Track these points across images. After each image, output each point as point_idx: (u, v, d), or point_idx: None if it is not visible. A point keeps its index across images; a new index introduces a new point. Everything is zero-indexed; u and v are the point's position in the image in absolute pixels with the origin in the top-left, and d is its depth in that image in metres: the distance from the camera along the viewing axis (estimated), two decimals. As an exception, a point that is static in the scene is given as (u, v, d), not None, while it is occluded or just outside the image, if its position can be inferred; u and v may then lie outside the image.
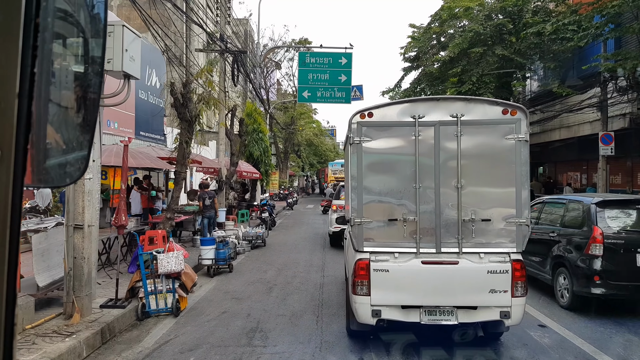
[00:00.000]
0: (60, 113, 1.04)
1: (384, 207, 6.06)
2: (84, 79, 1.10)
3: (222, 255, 11.27)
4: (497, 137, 5.94)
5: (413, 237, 5.96)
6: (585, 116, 21.52)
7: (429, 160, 5.98)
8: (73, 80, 1.09)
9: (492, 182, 6.04)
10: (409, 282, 5.89)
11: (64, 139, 1.04)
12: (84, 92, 1.09)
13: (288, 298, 9.31)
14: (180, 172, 11.32)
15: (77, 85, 1.08)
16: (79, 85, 1.09)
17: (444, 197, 5.95)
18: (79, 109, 1.06)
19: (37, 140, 0.93)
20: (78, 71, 1.10)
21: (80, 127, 1.06)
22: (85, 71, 1.10)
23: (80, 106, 1.07)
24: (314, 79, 24.83)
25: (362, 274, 5.92)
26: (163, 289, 8.18)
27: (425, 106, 6.11)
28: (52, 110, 0.99)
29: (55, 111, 1.02)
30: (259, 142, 23.16)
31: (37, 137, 0.92)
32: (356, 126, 6.06)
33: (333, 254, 14.72)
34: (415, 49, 26.25)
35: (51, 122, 0.99)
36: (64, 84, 1.06)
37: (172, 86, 10.73)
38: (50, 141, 0.99)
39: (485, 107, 6.07)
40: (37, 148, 0.94)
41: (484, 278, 5.82)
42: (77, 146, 1.06)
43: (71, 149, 1.05)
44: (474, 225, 5.92)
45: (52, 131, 1.00)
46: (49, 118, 0.99)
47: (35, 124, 0.90)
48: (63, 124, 1.05)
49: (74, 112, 1.06)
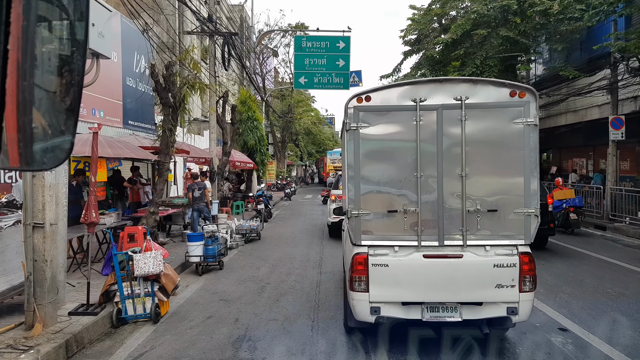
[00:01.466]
0: (43, 96, 1.03)
1: (383, 197, 5.69)
2: (65, 61, 1.09)
3: (211, 252, 10.43)
4: (505, 121, 5.55)
5: (414, 229, 5.62)
6: (594, 99, 20.70)
7: (431, 147, 5.61)
8: (55, 63, 1.08)
9: (499, 170, 5.66)
10: (410, 278, 5.56)
11: (47, 122, 1.05)
12: (66, 75, 1.08)
13: (281, 299, 8.49)
14: (164, 162, 10.46)
15: (59, 68, 1.08)
16: (61, 68, 1.08)
17: (447, 187, 5.59)
18: (62, 92, 1.07)
19: (20, 123, 0.94)
20: (60, 54, 1.10)
21: (63, 110, 1.07)
22: (67, 53, 1.10)
23: (62, 89, 1.07)
24: (310, 64, 24.05)
25: (359, 269, 5.58)
26: (141, 293, 7.36)
27: (427, 88, 5.69)
28: (35, 93, 0.99)
29: (38, 94, 1.01)
30: (253, 131, 22.21)
31: (20, 119, 0.94)
32: (353, 111, 5.67)
33: (331, 246, 13.92)
34: (416, 32, 25.42)
35: (35, 105, 1.00)
36: (45, 67, 1.05)
37: (152, 68, 9.84)
38: (35, 125, 1.00)
39: (492, 89, 5.64)
40: (22, 131, 0.95)
41: (490, 272, 5.49)
42: (61, 129, 1.07)
43: (55, 132, 1.06)
44: (480, 216, 5.58)
45: (37, 114, 1.00)
46: (33, 101, 0.99)
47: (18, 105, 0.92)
48: (46, 107, 1.05)
49: (57, 96, 1.06)
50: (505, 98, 5.56)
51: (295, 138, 50.36)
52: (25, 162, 1.00)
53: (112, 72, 19.30)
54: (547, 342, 6.35)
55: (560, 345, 6.27)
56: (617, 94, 18.74)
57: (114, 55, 19.36)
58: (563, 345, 6.27)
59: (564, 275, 10.15)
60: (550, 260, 11.60)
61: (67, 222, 7.32)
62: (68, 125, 1.07)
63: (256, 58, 34.43)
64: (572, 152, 26.21)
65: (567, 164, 26.68)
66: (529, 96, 5.52)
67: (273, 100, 42.35)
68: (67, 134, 1.07)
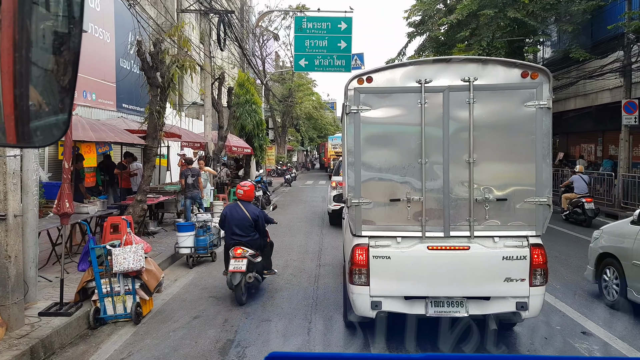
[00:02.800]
0: (40, 74, 1.04)
1: (385, 185, 5.42)
2: (62, 39, 1.08)
3: (203, 243, 9.75)
4: (515, 104, 5.25)
5: (418, 219, 5.35)
6: (605, 82, 19.88)
7: (436, 132, 5.32)
8: (51, 41, 1.08)
9: (508, 156, 5.39)
10: (413, 270, 5.30)
11: (44, 99, 1.05)
12: (62, 53, 1.08)
13: (276, 296, 7.83)
14: (152, 147, 9.74)
15: (55, 46, 1.08)
16: (57, 45, 1.08)
17: (453, 174, 5.32)
18: (58, 70, 1.06)
19: (17, 100, 0.95)
20: (57, 31, 1.09)
21: (60, 88, 1.06)
22: (63, 31, 1.08)
23: (59, 67, 1.06)
24: (311, 45, 23.26)
25: (360, 261, 5.32)
26: (121, 291, 6.70)
27: (433, 69, 5.39)
28: (31, 71, 0.99)
29: (34, 72, 1.02)
30: (252, 115, 21.37)
31: (16, 96, 0.95)
32: (353, 93, 5.38)
33: (331, 235, 13.24)
34: (420, 13, 24.55)
35: (32, 82, 1.00)
36: (41, 44, 1.05)
37: (138, 45, 9.08)
38: (32, 102, 1.01)
39: (502, 70, 5.34)
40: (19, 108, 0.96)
41: (499, 265, 5.23)
42: (57, 107, 1.07)
43: (52, 110, 1.07)
44: (488, 206, 5.30)
45: (33, 91, 1.01)
46: (30, 78, 0.99)
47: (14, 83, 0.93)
48: (42, 85, 1.05)
49: (53, 73, 1.06)
50: (517, 79, 5.25)
51: (296, 123, 49.47)
52: (22, 139, 1.01)
53: (105, 53, 18.53)
54: (571, 349, 5.68)
55: (586, 352, 5.61)
56: (630, 76, 17.93)
57: (106, 35, 18.63)
58: (589, 352, 5.61)
59: (581, 269, 9.48)
60: (564, 252, 10.91)
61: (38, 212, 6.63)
62: (65, 104, 1.08)
63: (256, 40, 33.53)
64: (580, 137, 25.49)
65: (575, 150, 25.96)
66: (541, 77, 5.21)
67: (273, 85, 41.45)
68: (64, 112, 1.08)
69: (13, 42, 0.90)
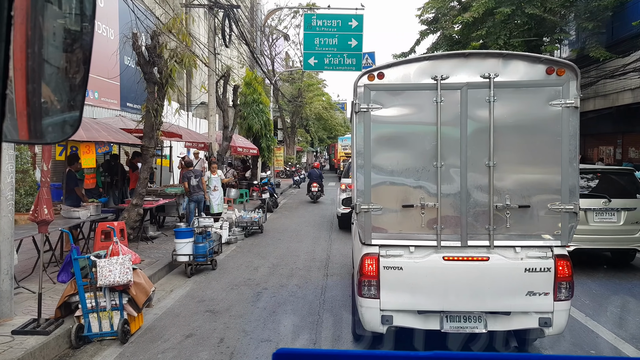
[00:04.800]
0: (52, 71, 1.04)
1: (397, 190, 5.09)
2: (74, 37, 1.08)
3: (202, 250, 9.11)
4: (540, 102, 4.92)
5: (433, 227, 5.02)
6: (627, 82, 19.06)
7: (453, 132, 4.99)
8: (63, 39, 1.08)
9: (532, 160, 5.05)
10: (428, 283, 4.96)
11: (56, 97, 1.05)
12: (74, 50, 1.08)
13: (279, 310, 7.18)
14: (148, 147, 9.13)
15: (67, 44, 1.08)
16: (69, 43, 1.08)
17: (471, 178, 4.99)
18: (70, 67, 1.06)
19: (30, 97, 0.95)
20: (70, 29, 1.09)
21: (72, 86, 1.06)
22: (75, 29, 1.08)
23: (71, 65, 1.06)
24: (321, 44, 22.63)
25: (369, 272, 4.99)
26: (107, 306, 6.08)
27: (450, 64, 5.05)
28: (44, 68, 0.99)
29: (47, 69, 1.01)
30: (259, 115, 20.76)
31: (29, 93, 0.94)
32: (363, 90, 5.05)
33: (340, 241, 12.58)
34: (434, 11, 23.82)
35: (44, 80, 0.99)
36: (54, 42, 1.05)
37: (134, 38, 8.48)
38: (44, 99, 1.00)
39: (526, 65, 5.01)
40: (31, 105, 0.96)
41: (521, 277, 4.90)
42: (69, 104, 1.07)
43: (64, 107, 1.06)
44: (509, 213, 4.96)
45: (46, 89, 1.01)
46: (42, 76, 0.99)
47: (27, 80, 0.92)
48: (55, 82, 1.05)
49: (65, 71, 1.05)
50: (541, 76, 4.93)
51: (305, 123, 48.82)
52: (35, 135, 1.01)
53: (108, 50, 18.04)
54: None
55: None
56: (654, 76, 17.08)
57: (110, 32, 18.12)
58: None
59: (609, 281, 8.74)
60: (585, 262, 10.15)
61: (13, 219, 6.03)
62: (76, 101, 1.07)
63: (265, 39, 32.94)
64: (599, 139, 24.66)
65: (593, 153, 25.11)
66: (568, 74, 4.87)
67: (283, 85, 40.85)
68: (75, 109, 1.07)
69: (26, 40, 0.91)
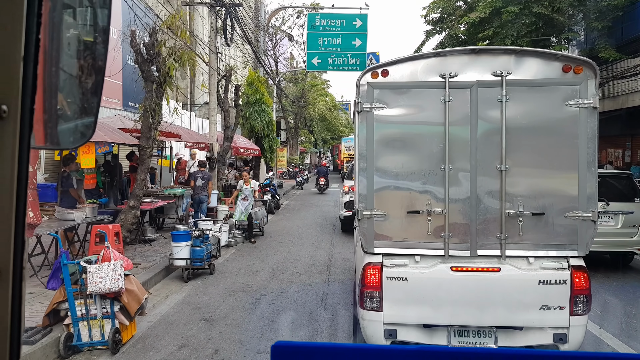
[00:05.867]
0: (68, 79, 1.08)
1: (402, 195, 4.83)
2: (89, 46, 1.12)
3: (199, 254, 8.84)
4: (556, 102, 4.67)
5: (440, 235, 4.76)
6: (637, 84, 18.71)
7: (462, 134, 4.74)
8: (79, 48, 1.11)
9: (547, 164, 4.77)
10: (434, 295, 4.71)
11: (72, 103, 1.08)
12: (89, 59, 1.10)
13: (277, 319, 6.90)
14: (146, 147, 8.87)
15: (84, 53, 1.11)
16: (84, 53, 1.11)
17: (482, 183, 4.73)
18: (85, 75, 1.09)
19: (47, 104, 0.98)
20: (85, 39, 1.12)
21: (86, 93, 1.09)
22: (90, 39, 1.12)
23: (87, 73, 1.09)
24: (324, 43, 22.39)
25: (372, 282, 4.73)
26: (98, 314, 5.81)
27: (459, 61, 4.80)
28: (60, 77, 1.03)
29: (63, 77, 1.05)
30: (261, 115, 20.50)
31: (47, 101, 0.98)
32: (366, 88, 4.79)
33: (343, 245, 12.29)
34: (439, 10, 23.51)
35: (60, 87, 1.04)
36: (71, 52, 1.08)
37: (132, 35, 8.22)
38: (60, 106, 1.04)
39: (540, 63, 4.75)
40: (48, 112, 0.99)
41: (534, 290, 4.64)
42: (84, 111, 1.10)
43: (79, 113, 1.09)
44: (522, 221, 4.70)
45: (61, 96, 1.04)
46: (59, 84, 1.03)
47: (45, 88, 0.95)
48: (70, 90, 1.09)
49: (81, 79, 1.09)
50: (557, 74, 4.68)
51: (309, 124, 48.54)
52: (51, 141, 1.05)
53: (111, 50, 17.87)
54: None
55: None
56: (665, 77, 16.73)
57: (113, 31, 17.91)
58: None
59: (625, 291, 8.42)
60: (601, 271, 9.81)
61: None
62: (91, 107, 1.09)
63: (269, 39, 32.69)
64: (607, 142, 24.23)
65: (601, 155, 24.73)
66: (586, 72, 4.60)
67: (287, 85, 40.57)
68: (91, 115, 1.10)
69: (44, 51, 0.91)
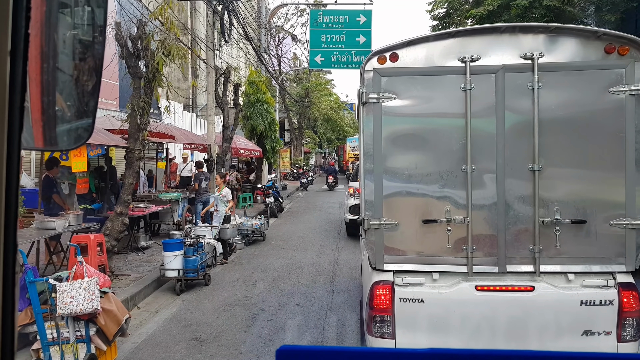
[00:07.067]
0: (65, 80, 1.07)
1: (416, 201, 4.20)
2: (86, 46, 1.11)
3: (193, 264, 8.17)
4: (597, 89, 4.04)
5: (462, 248, 4.12)
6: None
7: (487, 128, 4.11)
8: (76, 48, 1.11)
9: (588, 162, 4.13)
10: (456, 319, 4.08)
11: (70, 104, 1.07)
12: (87, 59, 1.10)
13: (275, 338, 6.21)
14: (134, 149, 8.21)
15: (80, 53, 1.11)
16: (81, 53, 1.11)
17: (511, 186, 4.10)
18: (83, 76, 1.08)
19: (43, 104, 0.97)
20: (81, 39, 1.12)
21: (84, 94, 1.08)
22: (87, 39, 1.11)
23: (83, 74, 1.08)
24: (327, 40, 21.74)
25: (381, 304, 4.09)
26: (71, 337, 5.15)
27: (482, 42, 4.16)
28: (57, 77, 1.03)
29: (60, 78, 1.05)
30: (263, 115, 19.88)
31: (43, 100, 0.97)
32: (372, 76, 4.15)
33: (348, 250, 11.59)
34: (445, 5, 22.88)
35: (58, 88, 1.03)
36: (67, 52, 1.07)
37: (117, 28, 7.57)
38: (58, 107, 1.03)
39: (578, 43, 4.13)
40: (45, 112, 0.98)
41: (575, 312, 4.03)
42: (82, 112, 1.09)
43: (77, 114, 1.09)
44: (559, 230, 4.05)
45: (59, 97, 1.03)
46: (56, 85, 1.02)
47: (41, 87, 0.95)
48: (68, 91, 1.07)
49: (78, 79, 1.08)
50: (599, 55, 4.05)
51: (313, 124, 47.87)
52: (49, 143, 1.04)
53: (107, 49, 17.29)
54: None
55: None
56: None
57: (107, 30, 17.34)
58: None
59: None
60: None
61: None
62: (89, 108, 1.09)
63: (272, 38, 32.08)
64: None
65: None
66: (633, 52, 3.97)
67: (290, 85, 39.93)
68: (89, 116, 1.09)
69: (40, 51, 0.92)
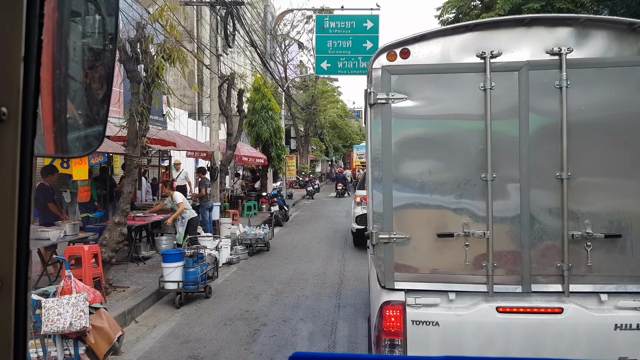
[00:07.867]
0: (77, 87, 1.09)
1: (430, 213, 3.75)
2: (97, 54, 1.11)
3: (193, 276, 7.83)
4: (633, 88, 3.60)
5: (482, 265, 3.68)
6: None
7: (509, 131, 3.68)
8: (87, 56, 1.10)
9: (623, 170, 3.68)
10: (475, 344, 3.62)
11: (81, 112, 1.09)
12: (98, 67, 1.10)
13: (277, 356, 5.84)
14: (132, 156, 7.90)
15: (91, 61, 1.11)
16: (93, 60, 1.11)
17: (536, 197, 3.66)
18: (94, 83, 1.09)
19: (55, 110, 0.98)
20: (92, 46, 1.11)
21: (95, 101, 1.09)
22: (98, 47, 1.11)
23: (94, 81, 1.09)
24: (334, 46, 21.48)
25: (391, 327, 3.65)
26: (59, 357, 4.82)
27: (503, 36, 3.74)
28: (69, 85, 1.04)
29: (72, 85, 1.06)
30: (268, 122, 19.59)
31: (55, 107, 0.98)
32: (381, 74, 3.73)
33: (355, 261, 11.22)
34: (454, 10, 22.59)
35: (69, 96, 1.04)
36: (78, 59, 1.08)
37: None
38: (69, 115, 1.04)
39: (611, 36, 3.64)
40: (56, 118, 0.99)
41: (609, 337, 3.57)
42: (93, 119, 1.10)
43: (88, 121, 1.09)
44: (591, 245, 3.61)
45: (70, 105, 1.05)
46: (67, 92, 1.03)
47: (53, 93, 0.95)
48: (79, 98, 1.09)
49: (89, 87, 1.09)
50: (634, 50, 3.58)
51: (320, 132, 47.60)
52: (60, 150, 1.05)
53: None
54: None
55: None
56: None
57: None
58: None
59: None
60: None
61: None
62: (100, 115, 1.09)
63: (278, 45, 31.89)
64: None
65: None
66: None
67: (297, 93, 39.69)
68: (100, 123, 1.08)
69: (52, 59, 0.92)
